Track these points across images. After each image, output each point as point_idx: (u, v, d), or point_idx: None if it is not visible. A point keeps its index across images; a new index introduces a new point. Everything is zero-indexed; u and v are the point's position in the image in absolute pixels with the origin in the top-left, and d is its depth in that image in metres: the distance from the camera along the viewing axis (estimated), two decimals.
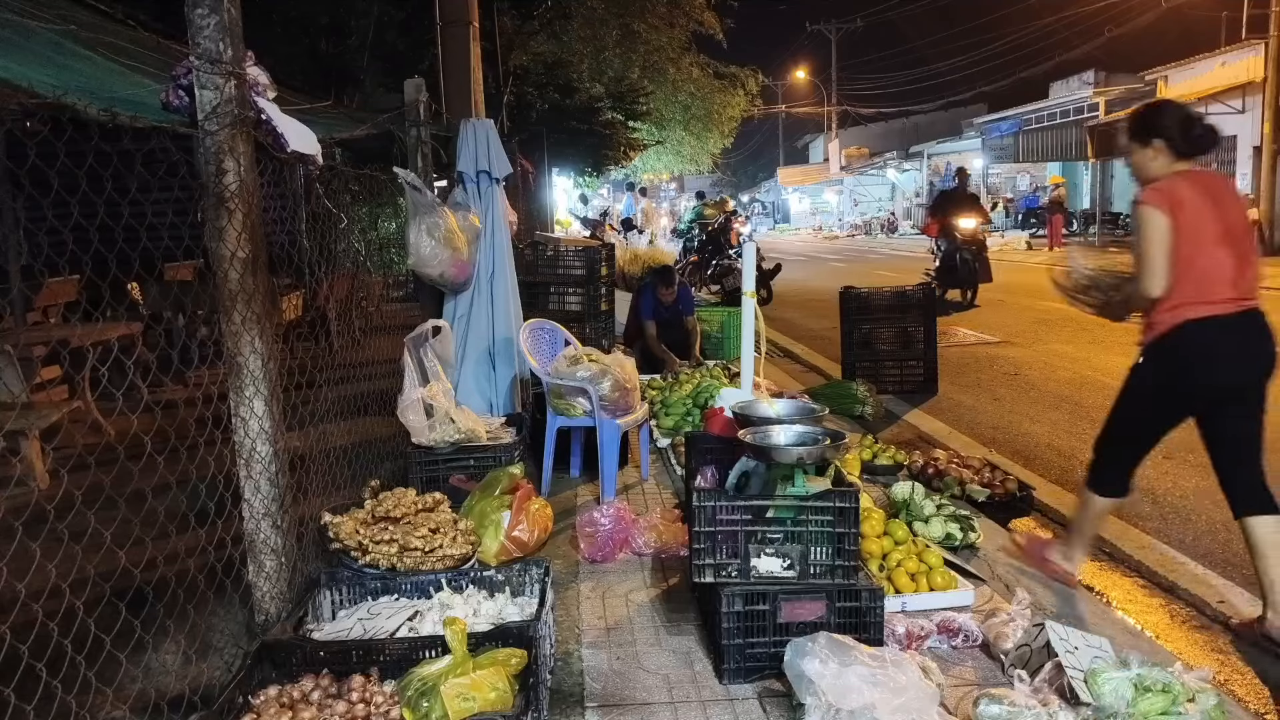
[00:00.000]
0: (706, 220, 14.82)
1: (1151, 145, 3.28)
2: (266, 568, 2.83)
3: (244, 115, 2.67)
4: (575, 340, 5.12)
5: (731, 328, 8.46)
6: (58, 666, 2.07)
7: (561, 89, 14.52)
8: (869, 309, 7.43)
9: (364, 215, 7.45)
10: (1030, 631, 2.79)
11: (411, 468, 4.30)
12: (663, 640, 3.07)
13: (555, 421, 4.61)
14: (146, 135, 2.58)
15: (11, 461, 4.86)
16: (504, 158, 5.48)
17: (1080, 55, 29.97)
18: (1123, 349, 8.77)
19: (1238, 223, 3.23)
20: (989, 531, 4.03)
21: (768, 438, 3.07)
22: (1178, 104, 3.46)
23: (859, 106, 47.76)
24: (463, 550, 3.27)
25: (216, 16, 2.59)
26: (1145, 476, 4.99)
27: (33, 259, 7.58)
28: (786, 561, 2.82)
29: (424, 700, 2.31)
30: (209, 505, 2.91)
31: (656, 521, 3.89)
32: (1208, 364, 3.17)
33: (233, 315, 2.71)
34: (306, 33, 10.23)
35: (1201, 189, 3.19)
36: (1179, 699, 2.38)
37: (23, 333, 6.23)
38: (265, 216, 2.84)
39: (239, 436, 2.77)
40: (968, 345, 9.36)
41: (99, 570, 2.37)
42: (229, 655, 2.85)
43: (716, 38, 20.65)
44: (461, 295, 5.33)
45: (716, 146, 26.26)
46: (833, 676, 2.35)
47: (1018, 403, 6.85)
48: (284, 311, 7.78)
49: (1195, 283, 3.12)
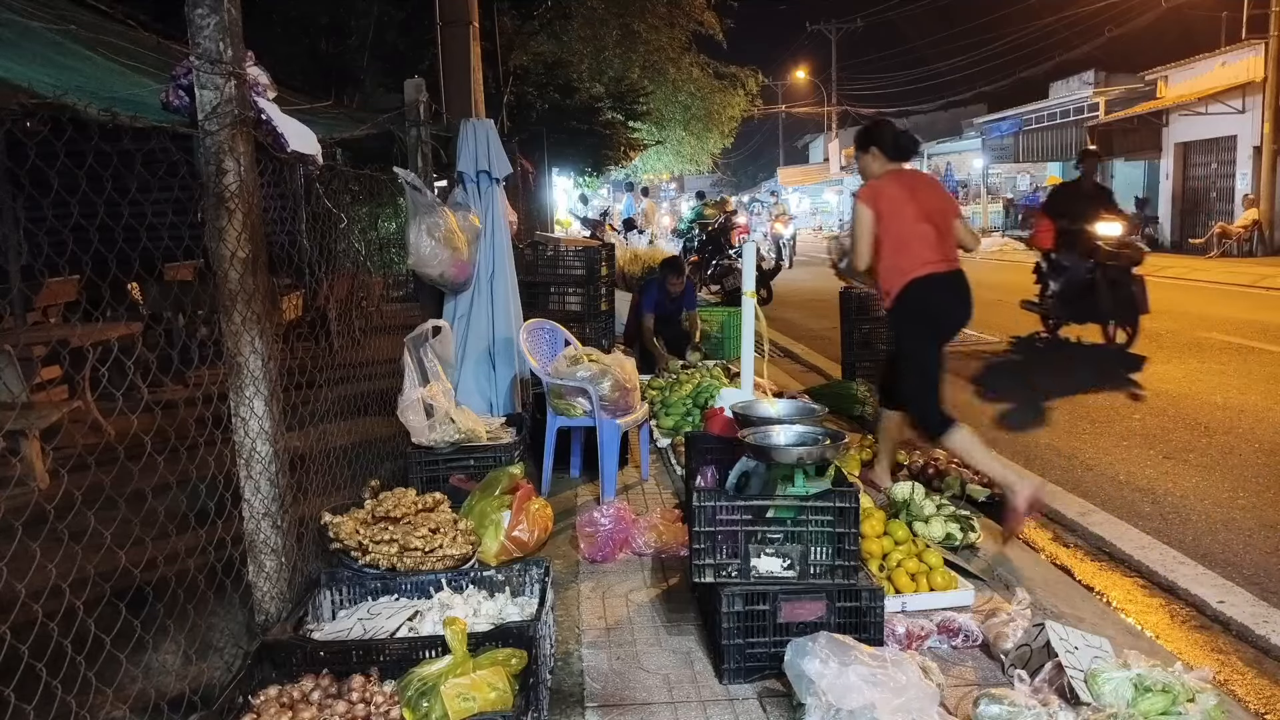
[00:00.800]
0: (706, 220, 14.82)
1: (870, 152, 4.33)
2: (266, 568, 2.83)
3: (244, 115, 2.67)
4: (575, 340, 5.12)
5: (731, 328, 8.46)
6: (58, 666, 2.07)
7: (561, 89, 14.52)
8: (869, 309, 7.43)
9: (364, 215, 7.45)
10: (1030, 631, 2.79)
11: (411, 468, 4.30)
12: (663, 640, 3.07)
13: (555, 421, 4.61)
14: (146, 135, 2.58)
15: (11, 461, 4.86)
16: (504, 158, 5.48)
17: (1080, 55, 29.96)
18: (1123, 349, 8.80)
19: (935, 207, 4.21)
20: (989, 531, 4.03)
21: (768, 438, 3.07)
22: (889, 121, 4.79)
23: (859, 106, 47.70)
24: (463, 550, 3.27)
25: (216, 16, 2.59)
26: (1145, 476, 4.99)
27: (33, 259, 7.58)
28: (786, 561, 2.82)
29: (424, 700, 2.31)
30: (209, 505, 2.91)
31: (656, 521, 3.89)
32: (941, 304, 4.15)
33: (233, 315, 2.71)
34: (306, 33, 10.23)
35: (903, 184, 4.22)
36: (1179, 699, 2.38)
37: (23, 333, 6.23)
38: (265, 216, 2.84)
39: (239, 436, 2.77)
40: (968, 345, 9.36)
41: (99, 570, 2.37)
42: (229, 655, 2.85)
43: (716, 38, 20.65)
44: (461, 295, 5.33)
45: (716, 146, 26.26)
46: (833, 676, 2.35)
47: (1018, 403, 6.85)
48: (284, 311, 7.78)
49: (911, 253, 4.08)
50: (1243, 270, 16.00)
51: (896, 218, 4.11)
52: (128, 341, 5.89)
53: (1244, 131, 20.34)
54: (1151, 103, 23.83)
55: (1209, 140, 22.02)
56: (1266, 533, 4.13)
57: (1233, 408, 6.30)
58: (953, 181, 36.39)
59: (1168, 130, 23.34)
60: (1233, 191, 20.84)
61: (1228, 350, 8.46)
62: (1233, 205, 20.68)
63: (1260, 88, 19.12)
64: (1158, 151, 23.84)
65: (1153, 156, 24.36)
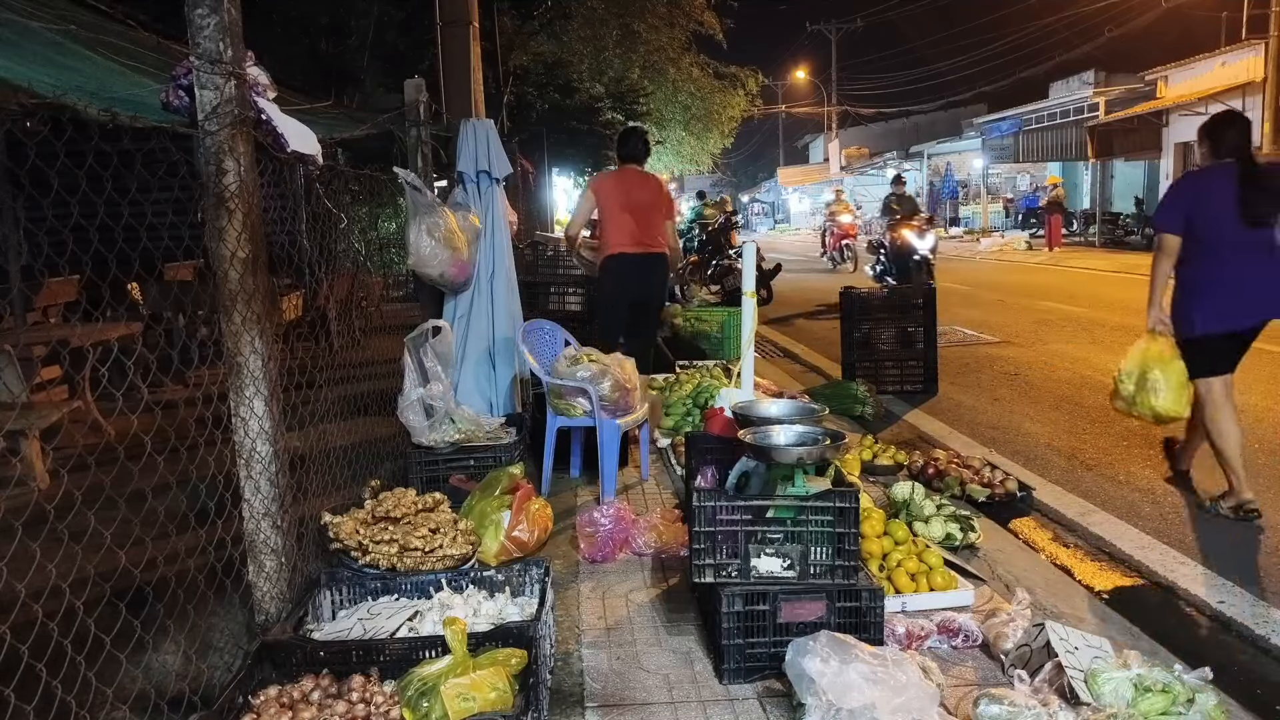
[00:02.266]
0: (706, 220, 14.80)
1: (618, 155, 5.91)
2: (266, 568, 2.83)
3: (244, 115, 2.67)
4: (575, 340, 5.12)
5: (731, 328, 8.47)
6: (58, 666, 2.07)
7: (561, 89, 14.53)
8: (869, 309, 7.44)
9: (364, 215, 7.45)
10: (1030, 631, 2.79)
11: (411, 468, 4.30)
12: (663, 640, 3.07)
13: (555, 421, 4.61)
14: (146, 135, 2.58)
15: (11, 461, 4.86)
16: (504, 158, 5.48)
17: (1080, 55, 29.98)
18: (1123, 349, 8.78)
19: (641, 201, 5.64)
20: (989, 531, 4.03)
21: (768, 438, 3.07)
22: (636, 129, 6.29)
23: (859, 106, 47.75)
24: (463, 550, 3.27)
25: (216, 16, 2.59)
26: (1145, 476, 4.99)
27: (33, 259, 7.57)
28: (786, 561, 2.82)
29: (424, 700, 2.31)
30: (209, 505, 2.91)
31: (656, 521, 3.89)
32: (626, 280, 5.62)
33: (233, 315, 2.71)
34: (306, 33, 10.24)
35: (622, 180, 5.76)
36: (1179, 699, 2.38)
37: (23, 333, 6.23)
38: (265, 216, 2.84)
39: (239, 436, 2.77)
40: (968, 345, 9.36)
41: (99, 570, 2.36)
42: (229, 655, 2.85)
43: (716, 38, 20.66)
44: (461, 295, 5.33)
45: (716, 146, 26.27)
46: (833, 675, 2.35)
47: (1017, 403, 6.85)
48: (284, 311, 7.78)
49: (613, 235, 5.61)
50: None
51: (609, 207, 5.67)
52: (128, 341, 5.89)
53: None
54: (1151, 103, 23.84)
55: None
56: (1266, 533, 4.13)
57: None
58: (953, 182, 36.42)
59: (1168, 130, 23.34)
60: None
61: None
62: None
63: (1260, 88, 19.10)
64: (1158, 151, 23.85)
65: (1153, 157, 24.37)
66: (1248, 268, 4.15)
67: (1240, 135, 4.31)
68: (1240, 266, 4.16)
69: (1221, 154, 4.28)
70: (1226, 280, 4.19)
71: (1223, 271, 4.19)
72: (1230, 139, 4.28)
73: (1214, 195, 4.20)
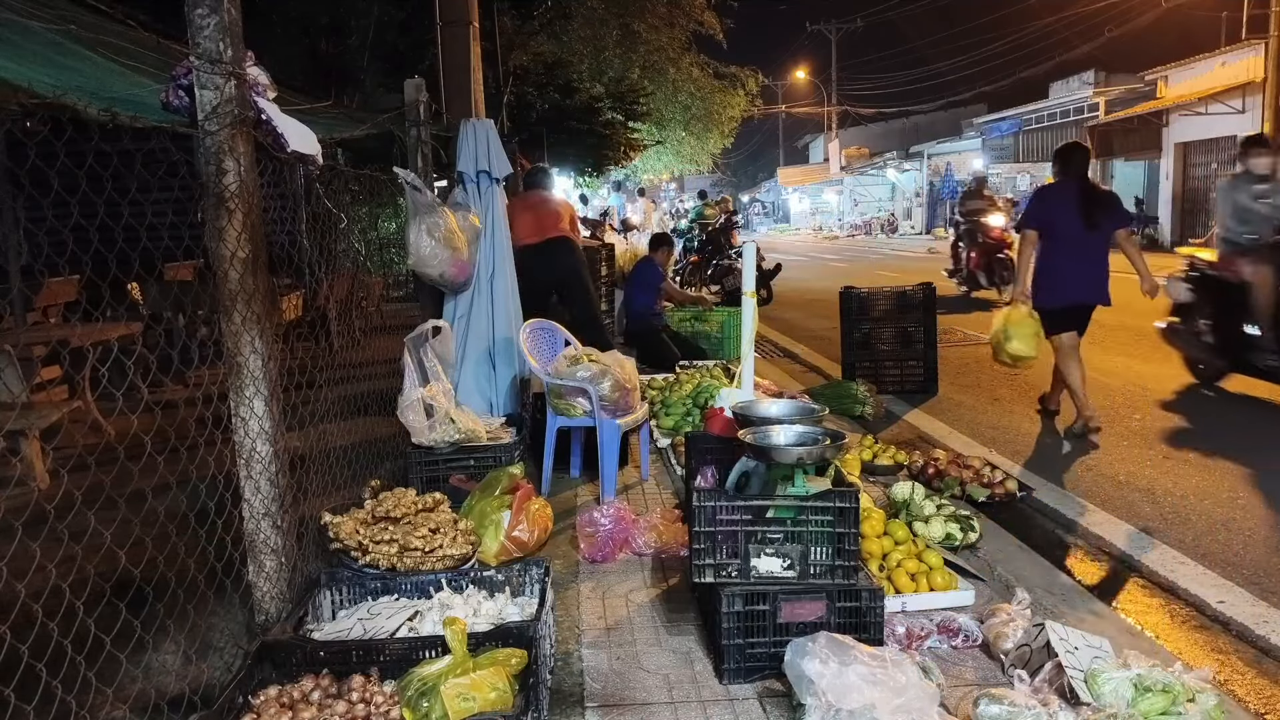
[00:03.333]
0: (707, 220, 14.80)
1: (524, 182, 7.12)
2: (266, 568, 2.83)
3: (244, 115, 2.67)
4: (575, 340, 5.12)
5: (731, 328, 8.47)
6: (58, 666, 2.07)
7: (561, 89, 14.53)
8: (869, 309, 7.43)
9: (364, 215, 7.45)
10: (1030, 631, 2.79)
11: (411, 468, 4.30)
12: (663, 640, 3.07)
13: (555, 421, 4.61)
14: (146, 135, 2.58)
15: (11, 461, 4.86)
16: (504, 158, 5.48)
17: (1080, 55, 30.00)
18: (1123, 349, 8.78)
19: (546, 213, 6.55)
20: (989, 531, 4.03)
21: (768, 438, 3.07)
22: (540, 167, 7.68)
23: (859, 106, 47.77)
24: (463, 550, 3.27)
25: (216, 16, 2.59)
26: (1145, 476, 4.99)
27: (33, 259, 7.58)
28: (786, 561, 2.82)
29: (424, 700, 2.31)
30: (209, 505, 2.91)
31: (656, 521, 3.89)
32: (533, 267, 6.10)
33: (233, 315, 2.71)
34: (306, 33, 10.25)
35: (529, 201, 6.69)
36: (1179, 699, 2.37)
37: (23, 333, 6.23)
38: (265, 216, 2.84)
39: (239, 436, 2.77)
40: (968, 345, 9.36)
41: (99, 570, 2.37)
42: (229, 655, 2.84)
43: (716, 38, 20.68)
44: (461, 295, 5.33)
45: (716, 146, 26.27)
46: (833, 676, 2.34)
47: (1017, 403, 6.85)
48: (284, 311, 7.78)
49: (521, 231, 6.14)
50: None
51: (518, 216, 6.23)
52: (128, 341, 5.89)
53: (1244, 131, 20.25)
54: (1151, 103, 23.84)
55: (1209, 140, 22.02)
56: (1267, 532, 4.13)
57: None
58: (953, 182, 36.41)
59: (1168, 130, 23.35)
60: None
61: None
62: None
63: (1260, 88, 19.09)
64: (1158, 151, 23.85)
65: (1153, 156, 24.37)
66: (1077, 262, 5.54)
67: (1083, 161, 5.83)
68: (1073, 260, 5.54)
69: (1070, 174, 5.73)
70: (1062, 269, 5.58)
71: (1061, 263, 5.58)
72: (1076, 163, 5.76)
73: (1064, 205, 5.58)
